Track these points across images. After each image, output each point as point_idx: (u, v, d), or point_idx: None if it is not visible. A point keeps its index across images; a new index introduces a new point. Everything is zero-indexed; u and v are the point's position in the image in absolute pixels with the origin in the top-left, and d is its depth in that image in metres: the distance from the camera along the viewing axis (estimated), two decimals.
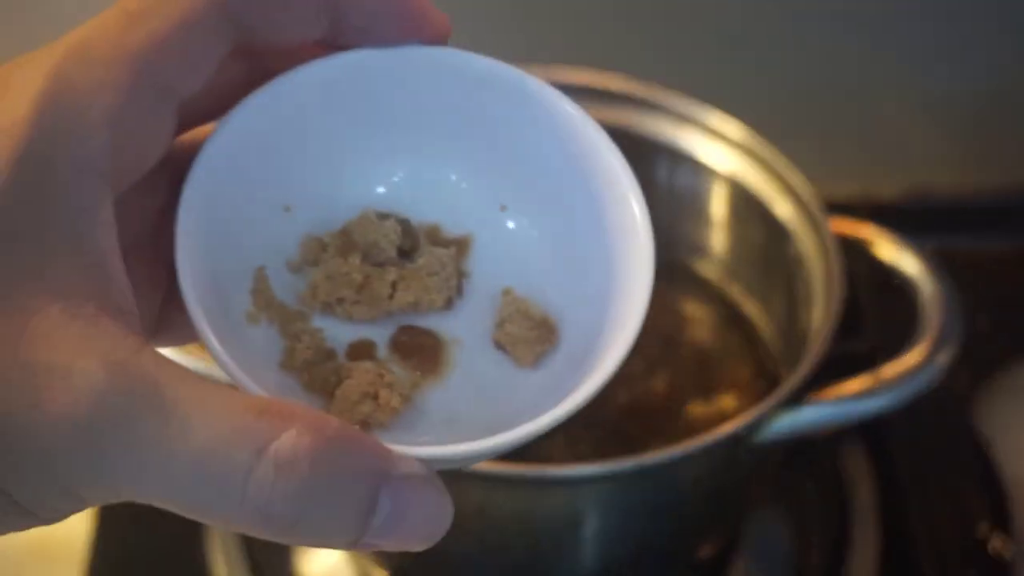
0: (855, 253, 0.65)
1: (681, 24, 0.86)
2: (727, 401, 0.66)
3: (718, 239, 0.71)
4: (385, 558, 0.63)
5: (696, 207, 0.71)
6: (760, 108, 0.74)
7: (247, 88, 0.34)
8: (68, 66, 0.30)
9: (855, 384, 0.59)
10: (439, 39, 0.35)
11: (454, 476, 0.56)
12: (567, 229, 0.38)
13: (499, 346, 0.36)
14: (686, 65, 0.86)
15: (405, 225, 0.37)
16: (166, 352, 0.31)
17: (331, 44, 0.34)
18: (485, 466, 0.54)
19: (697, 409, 0.66)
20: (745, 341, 0.69)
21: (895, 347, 0.60)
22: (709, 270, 0.72)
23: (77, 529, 0.71)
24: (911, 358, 0.59)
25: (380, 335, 0.36)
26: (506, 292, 0.37)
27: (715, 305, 0.71)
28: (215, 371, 0.33)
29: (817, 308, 0.62)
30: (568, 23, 0.85)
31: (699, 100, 0.69)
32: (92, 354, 0.29)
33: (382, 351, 0.36)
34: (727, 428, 0.56)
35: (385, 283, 0.36)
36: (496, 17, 0.82)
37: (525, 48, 0.68)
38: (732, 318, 0.70)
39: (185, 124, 0.33)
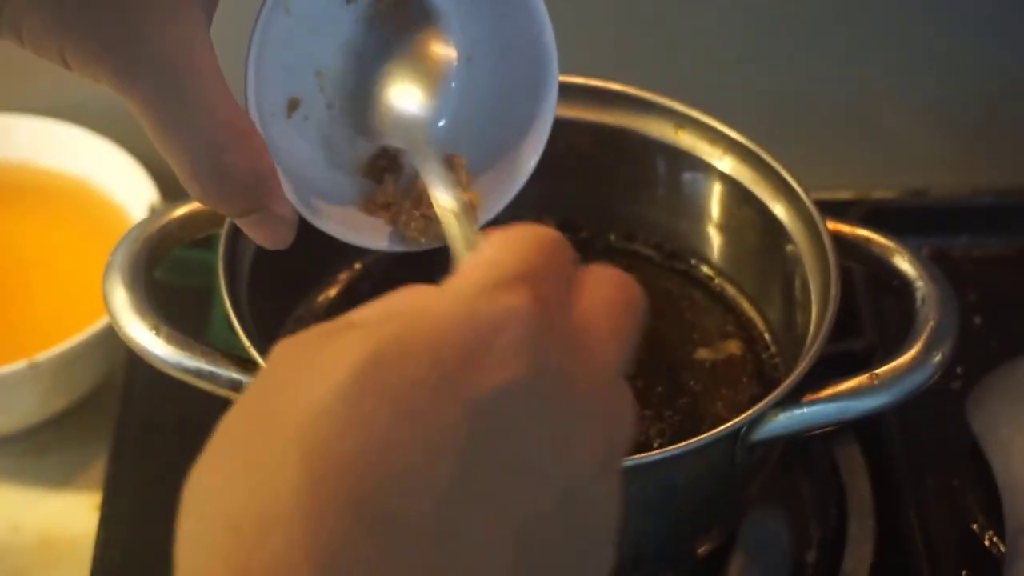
0: (852, 253, 0.65)
1: (679, 28, 0.86)
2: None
3: (716, 239, 0.72)
4: None
5: (695, 207, 0.71)
6: (758, 110, 0.75)
7: None
8: None
9: (852, 383, 0.59)
10: None
11: None
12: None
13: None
14: (685, 67, 0.86)
15: None
16: None
17: None
18: None
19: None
20: (743, 340, 0.70)
21: (891, 346, 0.61)
22: (707, 270, 0.72)
23: (82, 529, 0.71)
24: (907, 357, 0.60)
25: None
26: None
27: (713, 304, 0.71)
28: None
29: (814, 308, 0.62)
30: (568, 30, 0.85)
31: (698, 102, 0.69)
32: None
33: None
34: (725, 427, 0.56)
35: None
36: None
37: None
38: (730, 317, 0.71)
39: None
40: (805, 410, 0.58)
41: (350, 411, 0.31)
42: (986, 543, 0.70)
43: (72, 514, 0.73)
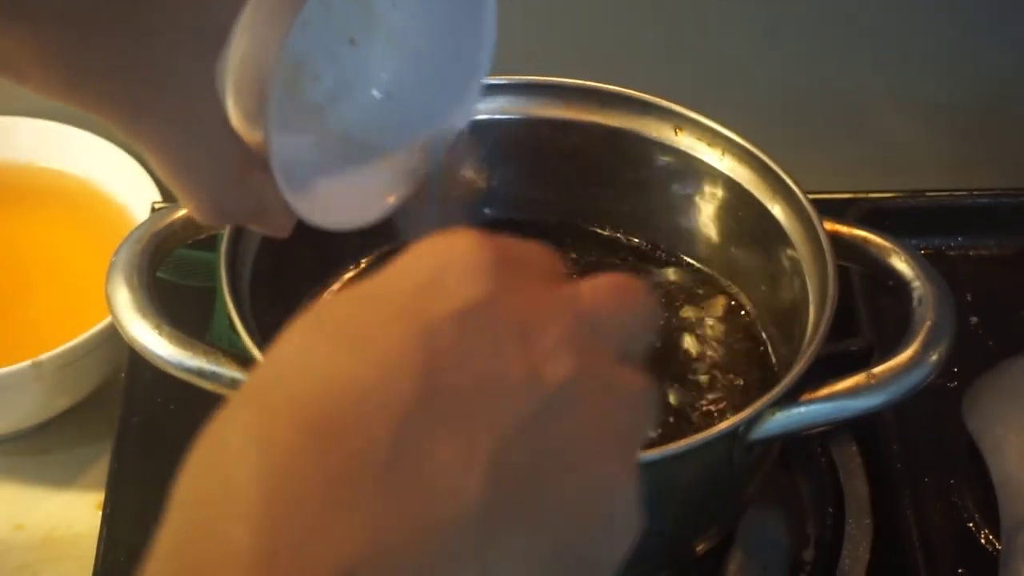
0: (849, 253, 0.66)
1: (679, 29, 0.87)
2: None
3: (715, 239, 0.72)
4: None
5: (693, 208, 0.72)
6: (757, 110, 0.75)
7: None
8: None
9: (849, 382, 0.59)
10: None
11: None
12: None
13: None
14: (684, 68, 0.86)
15: None
16: None
17: None
18: None
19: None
20: (741, 340, 0.70)
21: (888, 346, 0.61)
22: (706, 269, 0.73)
23: (85, 527, 0.71)
24: (904, 357, 0.60)
25: None
26: None
27: (712, 304, 0.72)
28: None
29: (812, 307, 0.63)
30: (567, 32, 0.85)
31: (697, 103, 0.70)
32: None
33: None
34: (723, 426, 0.57)
35: None
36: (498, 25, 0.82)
37: (526, 55, 0.69)
38: (729, 317, 0.71)
39: None
40: (803, 409, 0.59)
41: (301, 357, 0.32)
42: (982, 541, 0.70)
43: (75, 512, 0.73)
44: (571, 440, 0.32)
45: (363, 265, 0.72)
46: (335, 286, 0.72)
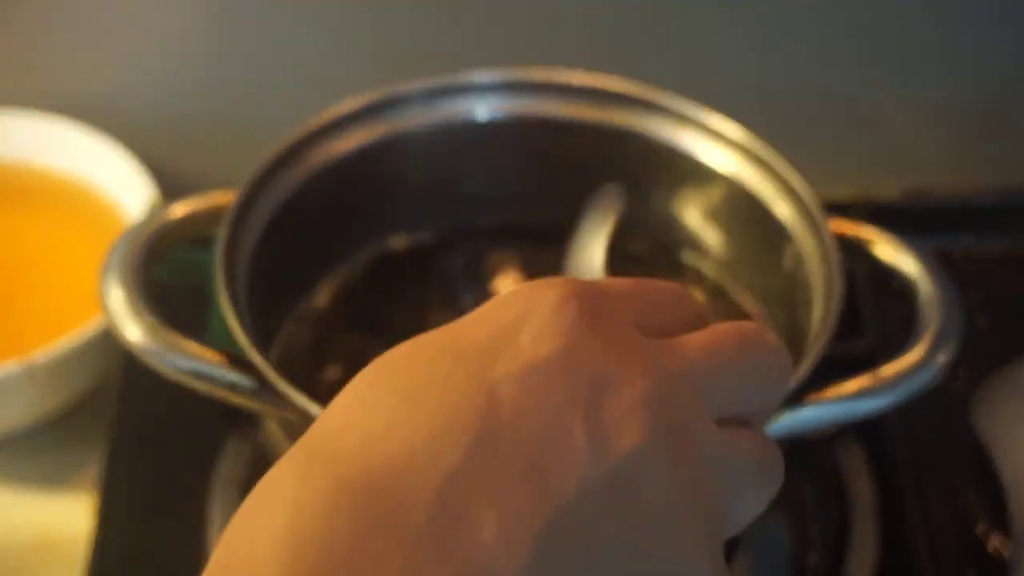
0: (855, 253, 0.65)
1: (679, 27, 0.86)
2: None
3: (718, 239, 0.72)
4: None
5: (695, 207, 0.71)
6: (759, 109, 0.74)
7: None
8: None
9: (855, 383, 0.59)
10: None
11: None
12: None
13: None
14: (685, 67, 0.86)
15: None
16: None
17: None
18: None
19: None
20: None
21: (895, 347, 0.61)
22: (709, 270, 0.72)
23: (77, 530, 0.71)
24: (910, 358, 0.60)
25: None
26: None
27: (715, 305, 0.71)
28: None
29: (817, 308, 0.62)
30: (568, 27, 0.85)
31: (698, 101, 0.69)
32: None
33: None
34: None
35: None
36: (497, 20, 0.82)
37: (527, 51, 0.69)
38: (732, 317, 0.70)
39: None
40: (808, 411, 0.58)
41: (353, 411, 0.30)
42: (990, 546, 0.70)
43: (67, 515, 0.73)
44: (635, 516, 0.29)
45: (358, 268, 0.71)
46: (331, 291, 0.71)
